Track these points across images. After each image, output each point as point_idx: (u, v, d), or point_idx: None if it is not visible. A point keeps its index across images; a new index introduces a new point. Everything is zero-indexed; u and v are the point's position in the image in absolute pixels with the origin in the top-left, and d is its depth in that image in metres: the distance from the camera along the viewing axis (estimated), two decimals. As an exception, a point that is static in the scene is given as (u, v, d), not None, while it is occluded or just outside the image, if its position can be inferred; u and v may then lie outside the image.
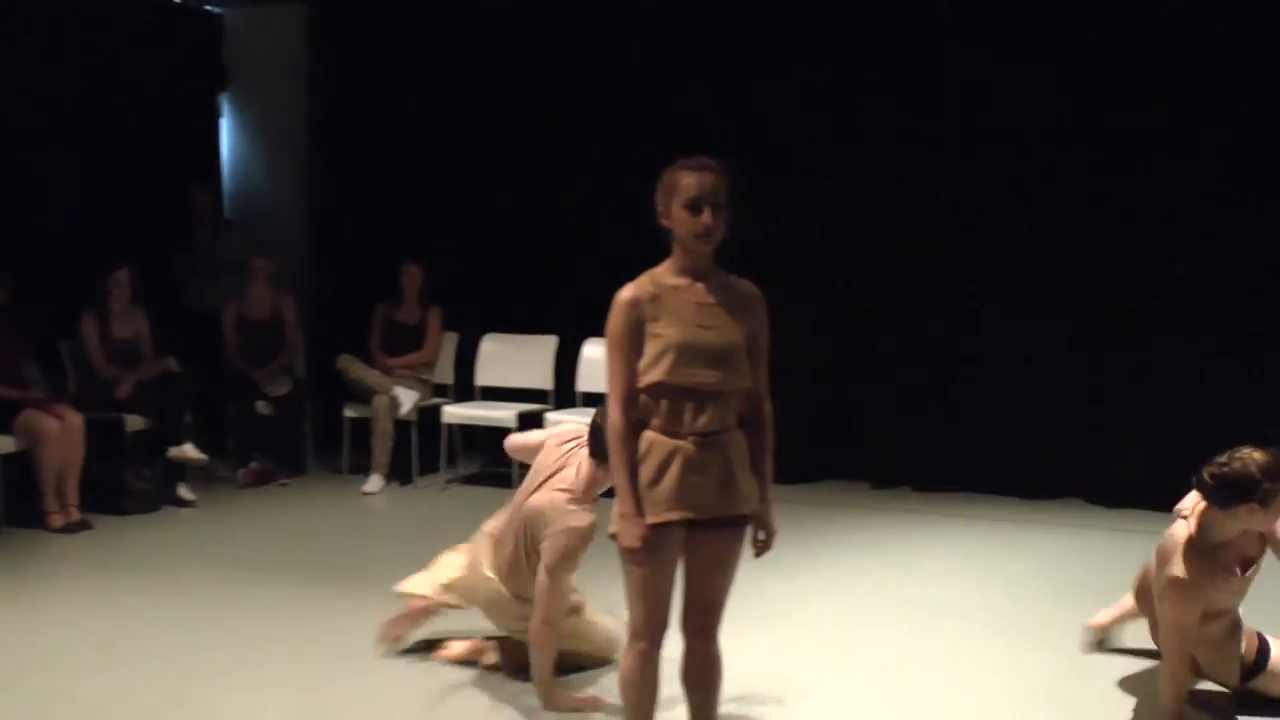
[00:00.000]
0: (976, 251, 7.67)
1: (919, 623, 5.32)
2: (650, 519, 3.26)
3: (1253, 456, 3.98)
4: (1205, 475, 4.06)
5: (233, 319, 8.29)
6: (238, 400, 8.23)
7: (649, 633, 3.40)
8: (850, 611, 5.49)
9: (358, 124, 9.16)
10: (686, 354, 3.25)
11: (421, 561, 6.20)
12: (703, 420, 3.28)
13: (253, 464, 8.13)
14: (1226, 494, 4.00)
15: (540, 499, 4.38)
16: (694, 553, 3.37)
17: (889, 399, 7.93)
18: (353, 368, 8.14)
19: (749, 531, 3.43)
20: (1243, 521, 4.04)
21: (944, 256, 7.74)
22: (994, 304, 7.65)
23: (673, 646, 3.47)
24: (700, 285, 3.32)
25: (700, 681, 3.54)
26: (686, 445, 3.27)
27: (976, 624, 5.33)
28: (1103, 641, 4.92)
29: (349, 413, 8.25)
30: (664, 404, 3.28)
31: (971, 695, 4.51)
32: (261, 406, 8.19)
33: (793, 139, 7.93)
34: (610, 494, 3.51)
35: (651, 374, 3.27)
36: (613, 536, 3.33)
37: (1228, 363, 7.19)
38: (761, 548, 3.45)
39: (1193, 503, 4.22)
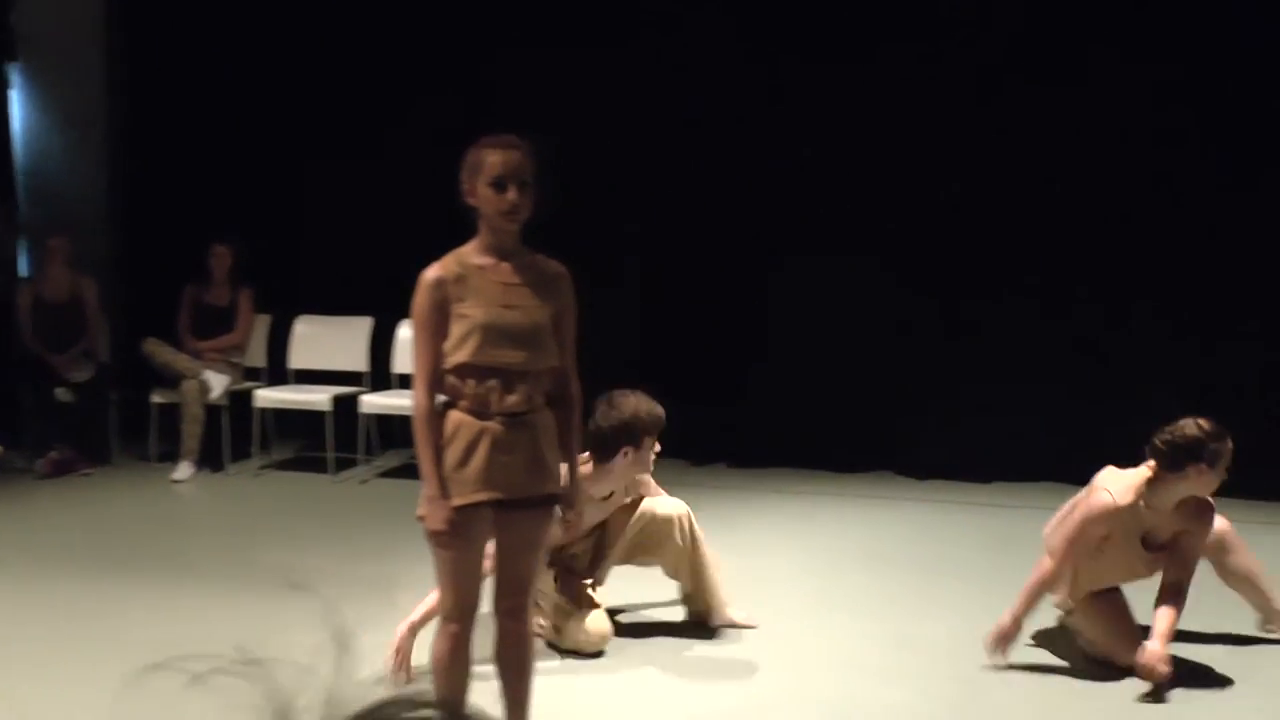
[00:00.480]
0: (786, 227, 7.79)
1: (735, 597, 5.37)
2: (457, 500, 3.24)
3: (1196, 422, 4.37)
4: (1157, 442, 4.41)
5: (28, 301, 7.92)
6: (35, 387, 7.86)
7: (459, 615, 3.37)
8: (666, 589, 5.52)
9: (160, 96, 8.80)
10: (492, 334, 3.22)
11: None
12: (510, 400, 3.25)
13: (52, 453, 7.77)
14: (1177, 456, 4.35)
15: None
16: (503, 533, 3.36)
17: (703, 376, 8.00)
18: (160, 351, 7.85)
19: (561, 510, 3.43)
20: (1191, 483, 4.38)
21: (755, 233, 7.85)
22: (804, 282, 7.78)
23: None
24: (506, 265, 3.29)
25: (513, 662, 3.53)
26: (494, 426, 3.24)
27: (792, 596, 5.43)
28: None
29: (156, 398, 7.95)
30: (471, 384, 3.25)
31: (787, 666, 4.59)
32: (61, 393, 7.83)
33: (598, 114, 7.92)
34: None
35: (457, 355, 3.23)
36: (420, 519, 3.29)
37: (1035, 337, 7.47)
38: (569, 527, 3.45)
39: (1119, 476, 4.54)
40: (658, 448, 4.67)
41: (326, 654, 0.79)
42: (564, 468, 3.44)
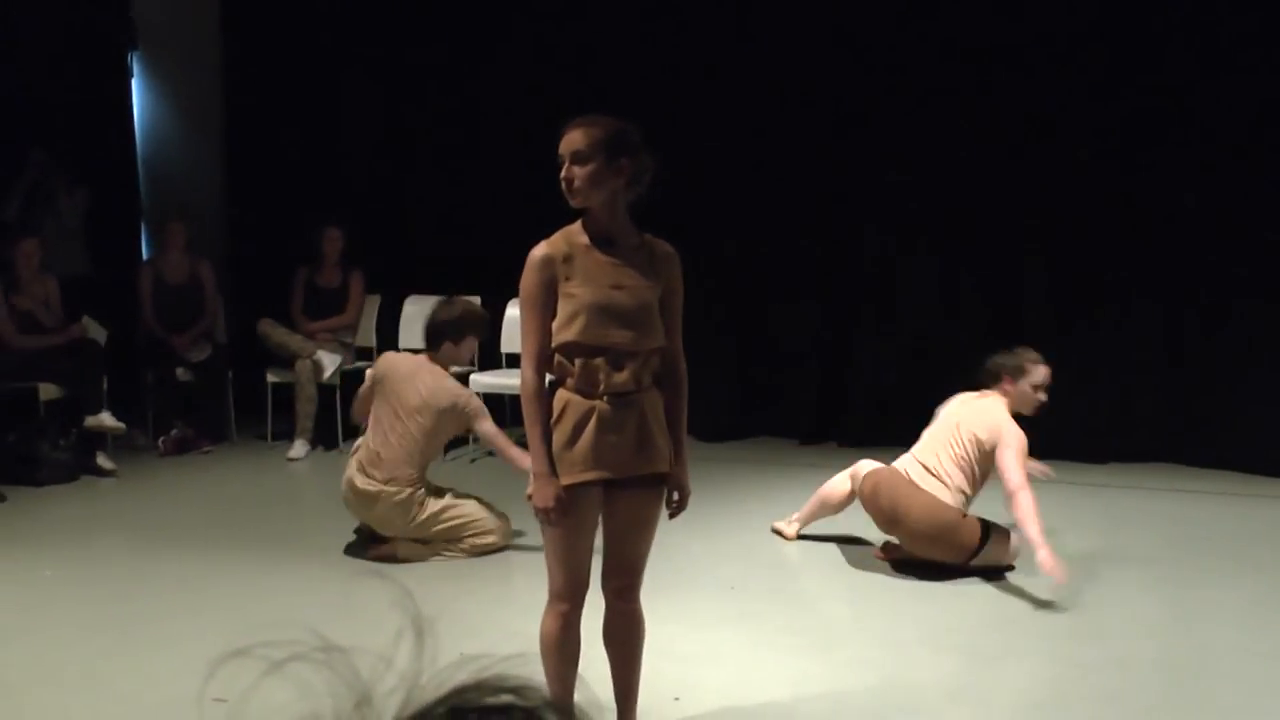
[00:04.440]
0: (884, 203, 7.71)
1: (847, 580, 5.34)
2: (566, 480, 3.24)
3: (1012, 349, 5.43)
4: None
5: (149, 284, 8.12)
6: (156, 367, 8.06)
7: (569, 594, 3.38)
8: (777, 570, 5.50)
9: (273, 82, 8.98)
10: (600, 314, 3.21)
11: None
12: (618, 380, 3.25)
13: (174, 432, 7.99)
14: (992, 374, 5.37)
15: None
16: (612, 513, 3.36)
17: (816, 354, 7.95)
18: (274, 333, 8.02)
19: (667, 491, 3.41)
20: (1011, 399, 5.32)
21: (854, 211, 7.78)
22: (911, 257, 7.69)
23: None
24: (614, 245, 3.29)
25: (622, 642, 3.53)
26: (601, 405, 3.24)
27: (910, 577, 5.35)
28: None
29: (271, 378, 8.13)
30: (578, 363, 3.25)
31: (889, 646, 4.54)
32: (181, 373, 8.04)
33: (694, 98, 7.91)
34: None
35: (565, 334, 3.23)
36: (529, 498, 3.30)
37: (1136, 310, 7.29)
38: (676, 509, 3.43)
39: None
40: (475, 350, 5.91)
41: (405, 641, 0.79)
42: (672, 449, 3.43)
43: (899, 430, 7.70)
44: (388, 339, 8.32)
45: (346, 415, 8.00)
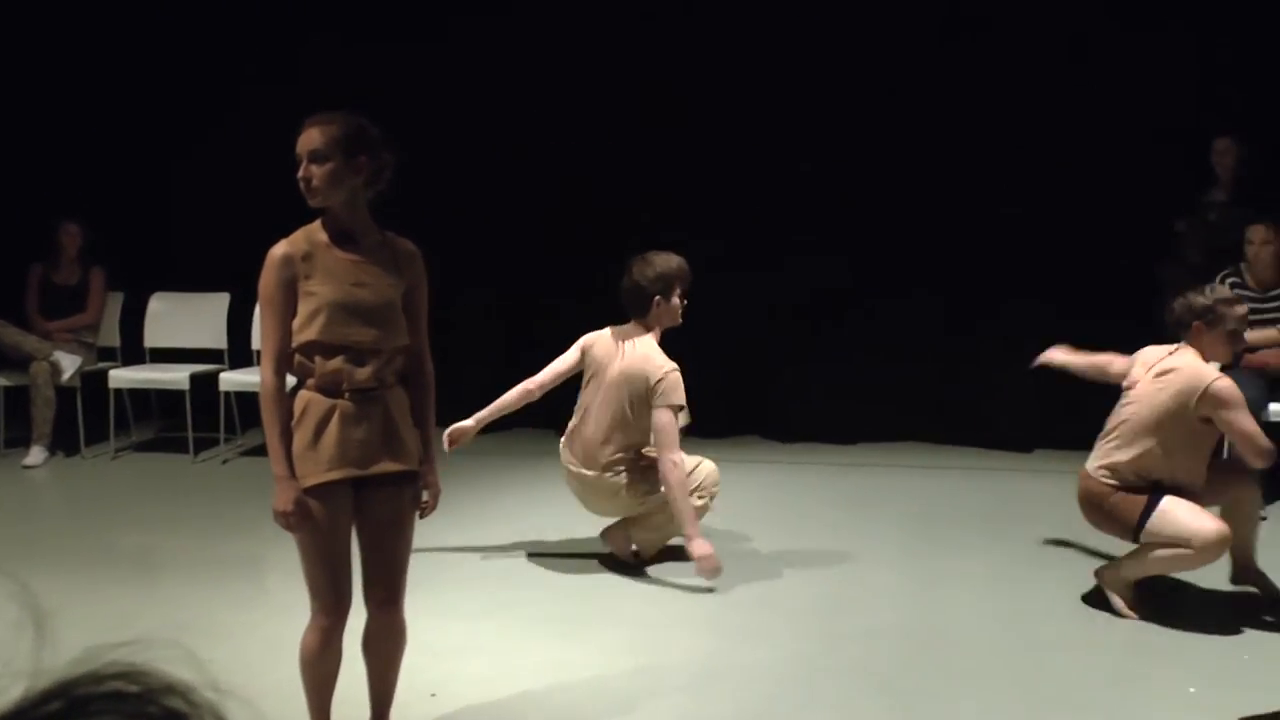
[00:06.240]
0: (658, 202, 7.82)
1: (604, 568, 5.41)
2: (313, 480, 3.17)
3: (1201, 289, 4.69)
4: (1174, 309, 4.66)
5: None
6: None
7: (331, 607, 3.26)
8: (534, 560, 5.53)
9: (1, 72, 8.47)
10: (340, 312, 3.17)
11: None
12: (360, 377, 3.20)
13: (-106, 441, 7.50)
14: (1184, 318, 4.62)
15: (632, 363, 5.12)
16: (364, 515, 3.28)
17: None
18: (6, 333, 7.60)
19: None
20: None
21: (621, 206, 7.86)
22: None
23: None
24: (355, 242, 3.24)
25: (383, 653, 3.45)
26: (344, 403, 3.19)
27: (666, 561, 5.45)
28: None
29: (3, 381, 7.71)
30: (319, 362, 3.20)
31: (646, 629, 4.63)
32: (-98, 378, 7.55)
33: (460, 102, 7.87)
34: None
35: (306, 333, 3.18)
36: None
37: (894, 304, 7.61)
38: (427, 508, 3.39)
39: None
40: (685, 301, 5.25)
41: (24, 632, 0.79)
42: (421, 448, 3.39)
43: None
44: (131, 338, 8.00)
45: (89, 419, 7.68)
